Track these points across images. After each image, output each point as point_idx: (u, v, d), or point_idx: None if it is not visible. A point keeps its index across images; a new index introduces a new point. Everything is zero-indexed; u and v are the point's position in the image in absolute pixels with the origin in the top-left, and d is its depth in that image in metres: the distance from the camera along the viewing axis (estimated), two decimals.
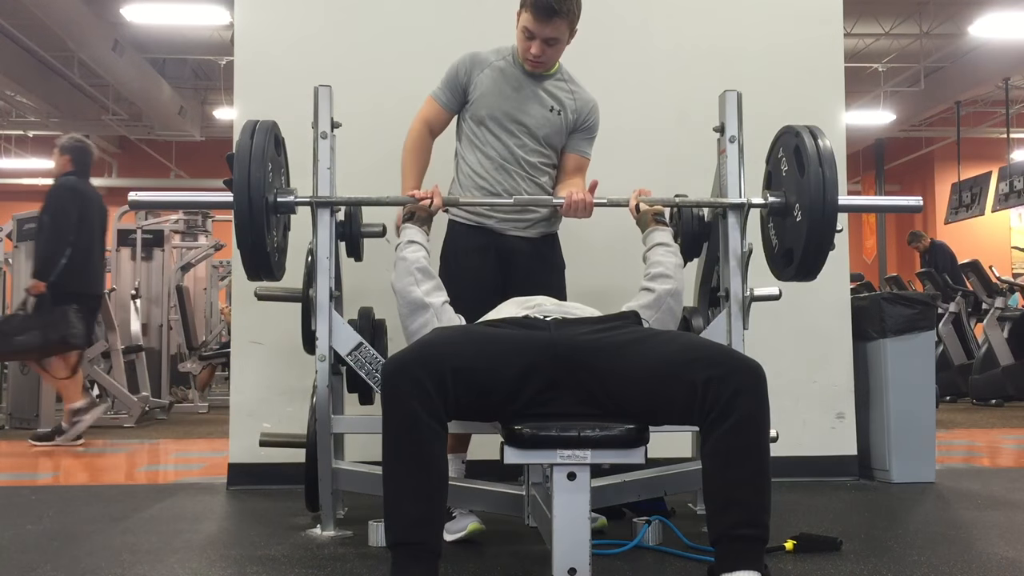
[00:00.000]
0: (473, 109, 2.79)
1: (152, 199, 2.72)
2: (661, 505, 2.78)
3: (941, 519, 2.88)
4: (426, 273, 2.47)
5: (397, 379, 1.83)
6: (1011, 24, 10.43)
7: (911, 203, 2.75)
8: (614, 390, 1.94)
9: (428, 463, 1.82)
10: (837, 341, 3.72)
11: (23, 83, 12.10)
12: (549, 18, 2.62)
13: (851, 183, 12.08)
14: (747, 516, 1.81)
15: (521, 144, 2.77)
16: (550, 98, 2.80)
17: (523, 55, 2.72)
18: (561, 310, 2.24)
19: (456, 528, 2.52)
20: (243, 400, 3.57)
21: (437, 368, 1.84)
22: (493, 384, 1.92)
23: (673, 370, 1.91)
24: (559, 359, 1.95)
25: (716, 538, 1.82)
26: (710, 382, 1.84)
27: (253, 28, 3.73)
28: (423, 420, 1.80)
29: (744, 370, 1.87)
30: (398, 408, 1.82)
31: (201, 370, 8.42)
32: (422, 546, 1.80)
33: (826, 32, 3.83)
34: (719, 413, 1.82)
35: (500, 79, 2.77)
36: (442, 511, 1.87)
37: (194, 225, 9.09)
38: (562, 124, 2.81)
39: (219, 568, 2.26)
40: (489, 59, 2.79)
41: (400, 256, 2.51)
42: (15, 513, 3.05)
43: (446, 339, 2.02)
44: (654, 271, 2.49)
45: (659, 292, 2.42)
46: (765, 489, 1.84)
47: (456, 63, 2.80)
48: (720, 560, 1.80)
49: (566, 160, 2.87)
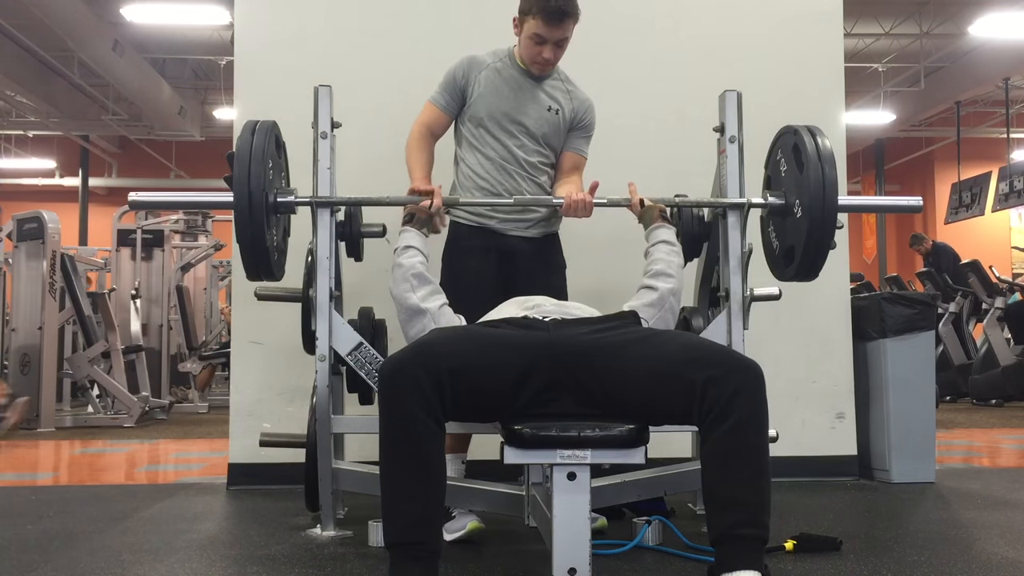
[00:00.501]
0: (472, 111, 2.79)
1: (152, 199, 2.72)
2: (661, 505, 2.78)
3: (941, 519, 2.88)
4: (421, 279, 2.46)
5: (394, 380, 1.83)
6: (1011, 24, 10.43)
7: (911, 203, 2.76)
8: (613, 390, 1.94)
9: (426, 463, 1.82)
10: (837, 341, 3.72)
11: (23, 83, 12.09)
12: (561, 22, 2.65)
13: (851, 183, 12.07)
14: (747, 516, 1.81)
15: (521, 144, 2.78)
16: (548, 98, 2.81)
17: (532, 60, 2.74)
18: (561, 310, 2.24)
19: (455, 527, 2.53)
20: (243, 400, 3.57)
21: (434, 368, 1.84)
22: (491, 384, 1.92)
23: (673, 369, 1.91)
24: (558, 360, 1.95)
25: (716, 538, 1.83)
26: (709, 382, 1.84)
27: (253, 28, 3.73)
28: (420, 420, 1.81)
29: (743, 370, 1.87)
30: (395, 409, 1.83)
31: (201, 370, 8.42)
32: (421, 546, 1.81)
33: (826, 32, 3.83)
34: (718, 413, 1.83)
35: (498, 80, 2.77)
36: (440, 510, 1.88)
37: (194, 225, 9.10)
38: (560, 124, 2.82)
39: (219, 568, 2.26)
40: (486, 61, 2.80)
41: (396, 263, 2.52)
42: (15, 513, 3.05)
43: (444, 339, 2.02)
44: (656, 268, 2.49)
45: (662, 291, 2.42)
46: (765, 489, 1.84)
47: (453, 67, 2.81)
48: (720, 560, 1.81)
49: (564, 159, 2.87)
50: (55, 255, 6.64)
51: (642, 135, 3.67)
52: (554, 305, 2.30)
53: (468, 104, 2.79)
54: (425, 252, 2.55)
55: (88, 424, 6.65)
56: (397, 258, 2.52)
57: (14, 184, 16.75)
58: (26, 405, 5.87)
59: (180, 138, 14.69)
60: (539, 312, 2.21)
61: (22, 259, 6.82)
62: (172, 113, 13.04)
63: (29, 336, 6.60)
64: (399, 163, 2.81)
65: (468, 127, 2.81)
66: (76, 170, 16.16)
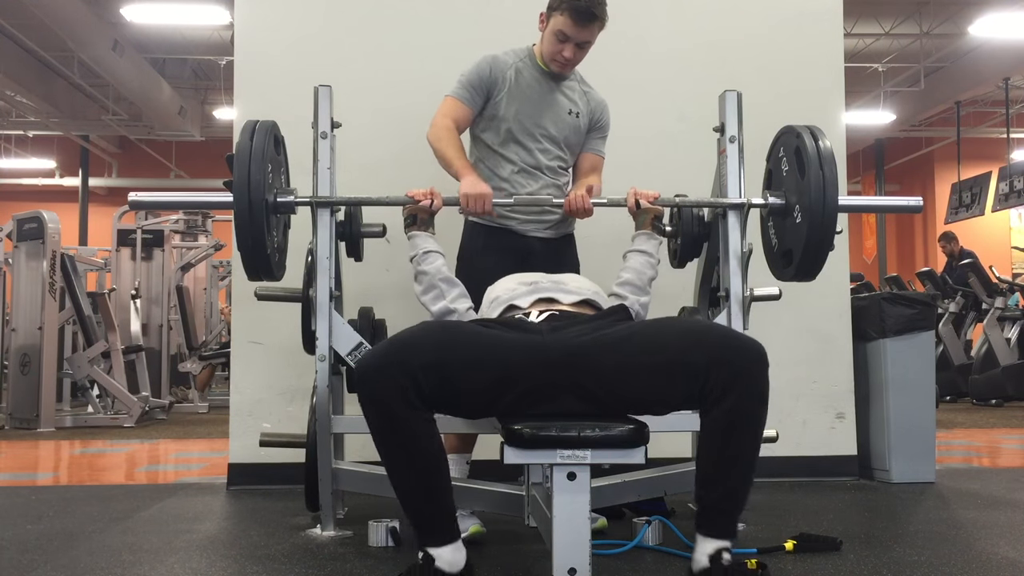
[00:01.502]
0: (494, 111, 2.77)
1: (152, 199, 2.72)
2: (661, 505, 2.77)
3: (941, 519, 2.88)
4: (450, 282, 2.51)
5: (368, 382, 1.87)
6: (1011, 24, 10.43)
7: (911, 203, 2.75)
8: (616, 387, 1.95)
9: (414, 456, 1.88)
10: (837, 341, 3.72)
11: (23, 83, 12.09)
12: (589, 23, 2.66)
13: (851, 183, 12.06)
14: (732, 491, 1.94)
15: (544, 150, 2.79)
16: (568, 101, 2.82)
17: (552, 57, 2.74)
18: (557, 287, 2.31)
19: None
20: (243, 400, 3.57)
21: (406, 365, 1.86)
22: (465, 382, 1.93)
23: (676, 356, 1.94)
24: (553, 363, 1.94)
25: (699, 503, 1.96)
26: (713, 364, 1.89)
27: (253, 28, 3.73)
28: (399, 417, 1.85)
29: (746, 350, 1.92)
30: (374, 409, 1.87)
31: (201, 370, 8.43)
32: (437, 533, 1.91)
33: (826, 32, 3.83)
34: (721, 392, 1.88)
35: (523, 84, 2.77)
36: (444, 489, 1.93)
37: (194, 225, 9.10)
38: (580, 127, 2.84)
39: (219, 568, 2.26)
40: (508, 61, 2.79)
41: (420, 270, 2.53)
42: (15, 513, 3.05)
43: (420, 334, 2.00)
44: (624, 276, 2.54)
45: (630, 302, 2.46)
46: (753, 465, 1.95)
47: (479, 65, 2.77)
48: (701, 523, 1.94)
49: (582, 160, 2.89)
50: (55, 255, 6.64)
51: (642, 135, 3.67)
52: (550, 282, 2.36)
53: (491, 103, 2.78)
54: (443, 252, 2.58)
55: (88, 424, 6.65)
56: (419, 265, 2.54)
57: (14, 184, 16.75)
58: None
59: (180, 138, 14.69)
60: (536, 289, 2.29)
61: (22, 259, 6.82)
62: (172, 113, 13.04)
63: (29, 336, 6.61)
64: (399, 163, 2.81)
65: (490, 129, 2.79)
66: (76, 170, 16.16)
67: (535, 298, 2.30)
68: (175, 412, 7.65)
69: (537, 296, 2.30)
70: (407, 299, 2.79)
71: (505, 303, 2.31)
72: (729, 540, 1.92)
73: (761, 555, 2.25)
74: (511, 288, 2.37)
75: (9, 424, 6.59)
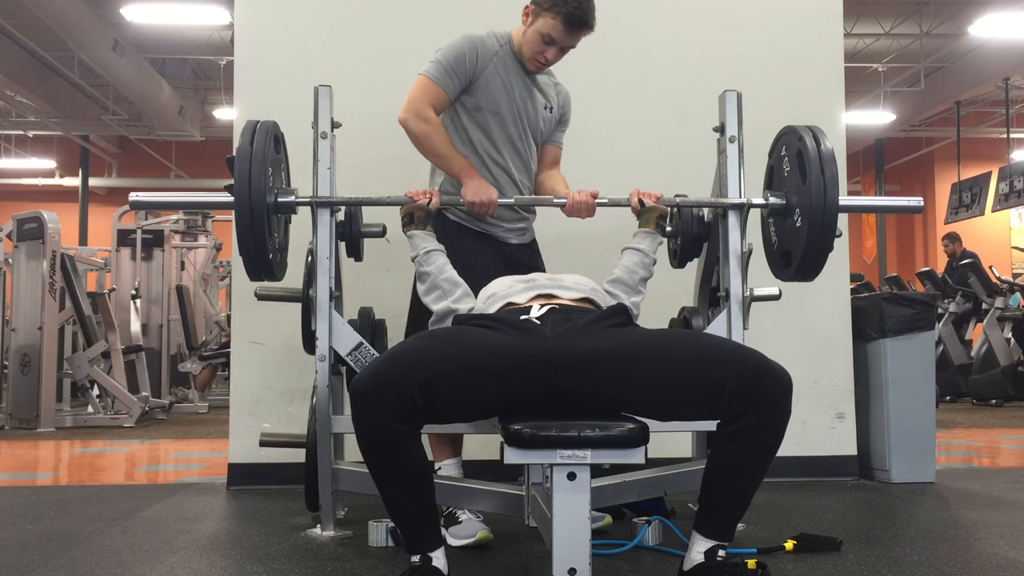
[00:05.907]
0: (476, 101, 2.70)
1: (152, 199, 2.72)
2: (661, 505, 2.77)
3: (941, 519, 2.88)
4: (453, 282, 2.49)
5: (362, 403, 1.86)
6: (1011, 24, 10.43)
7: (911, 203, 2.75)
8: (627, 396, 1.95)
9: (405, 468, 1.89)
10: (837, 341, 3.72)
11: (23, 83, 12.10)
12: (579, 31, 2.65)
13: (851, 183, 12.09)
14: (737, 503, 1.96)
15: (529, 146, 2.79)
16: (542, 96, 2.81)
17: (532, 56, 2.69)
18: (555, 284, 2.30)
19: (464, 534, 2.46)
20: (243, 400, 3.57)
21: (404, 385, 1.84)
22: (468, 394, 1.93)
23: (698, 372, 1.93)
24: (559, 370, 1.92)
25: (701, 506, 1.97)
26: (741, 385, 1.87)
27: (253, 28, 3.73)
28: (392, 435, 1.85)
29: (775, 377, 1.90)
30: (367, 427, 1.87)
31: (201, 370, 8.42)
32: (423, 528, 1.94)
33: (826, 32, 3.83)
34: (741, 414, 1.87)
35: (504, 75, 2.71)
36: (432, 498, 1.96)
37: (194, 225, 9.10)
38: (552, 121, 2.85)
39: (219, 568, 2.26)
40: (490, 46, 2.71)
41: (423, 270, 2.52)
42: (15, 513, 3.05)
43: (421, 347, 2.00)
44: (616, 274, 2.53)
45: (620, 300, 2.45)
46: (761, 479, 1.97)
47: (460, 46, 2.68)
48: (700, 524, 1.96)
49: (546, 152, 2.88)
50: (55, 255, 6.64)
51: (642, 135, 3.67)
52: (548, 279, 2.35)
53: (473, 91, 2.70)
54: (443, 249, 2.57)
55: (88, 424, 6.64)
56: (421, 266, 2.53)
57: (14, 184, 16.75)
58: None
59: (180, 138, 14.70)
60: (534, 286, 2.27)
61: (22, 259, 6.82)
62: (172, 113, 13.05)
63: (29, 336, 6.61)
64: (399, 163, 2.80)
65: (474, 121, 2.72)
66: (76, 170, 16.17)
67: (534, 294, 2.26)
68: (175, 412, 7.65)
69: (536, 292, 2.27)
70: (407, 299, 2.79)
71: (503, 299, 2.28)
72: (726, 542, 1.94)
73: (761, 555, 2.25)
74: (508, 285, 2.35)
75: (9, 424, 6.59)
